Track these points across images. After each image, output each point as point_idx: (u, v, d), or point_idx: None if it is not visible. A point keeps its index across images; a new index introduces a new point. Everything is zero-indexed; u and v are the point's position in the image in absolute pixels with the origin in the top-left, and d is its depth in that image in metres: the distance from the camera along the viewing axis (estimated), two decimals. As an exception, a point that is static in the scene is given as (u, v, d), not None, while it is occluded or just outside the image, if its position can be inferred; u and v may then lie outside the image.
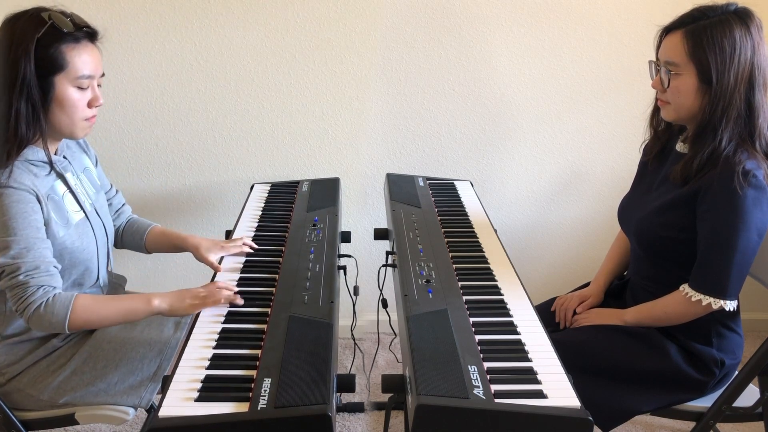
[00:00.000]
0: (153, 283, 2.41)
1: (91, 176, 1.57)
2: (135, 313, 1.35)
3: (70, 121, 1.35)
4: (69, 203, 1.42)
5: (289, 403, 1.00)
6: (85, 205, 1.47)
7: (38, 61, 1.28)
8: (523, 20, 2.17)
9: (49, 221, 1.35)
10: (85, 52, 1.34)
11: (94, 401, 1.40)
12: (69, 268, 1.42)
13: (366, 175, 2.35)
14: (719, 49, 1.29)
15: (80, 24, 1.34)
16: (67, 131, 1.37)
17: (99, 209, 1.53)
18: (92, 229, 1.48)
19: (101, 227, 1.52)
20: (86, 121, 1.38)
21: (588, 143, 2.35)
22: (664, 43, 1.38)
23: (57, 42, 1.30)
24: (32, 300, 1.26)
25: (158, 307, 1.34)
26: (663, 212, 1.43)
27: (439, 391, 1.01)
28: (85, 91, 1.35)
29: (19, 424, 1.41)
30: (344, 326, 2.01)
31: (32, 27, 1.28)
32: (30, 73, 1.27)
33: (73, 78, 1.32)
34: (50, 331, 1.32)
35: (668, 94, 1.39)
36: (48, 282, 1.29)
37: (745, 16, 1.31)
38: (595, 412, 1.20)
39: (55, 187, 1.40)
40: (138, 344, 1.48)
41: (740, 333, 1.49)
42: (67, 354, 1.45)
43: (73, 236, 1.40)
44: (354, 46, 2.16)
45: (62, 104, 1.33)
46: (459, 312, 1.27)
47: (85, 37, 1.35)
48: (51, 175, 1.40)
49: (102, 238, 1.52)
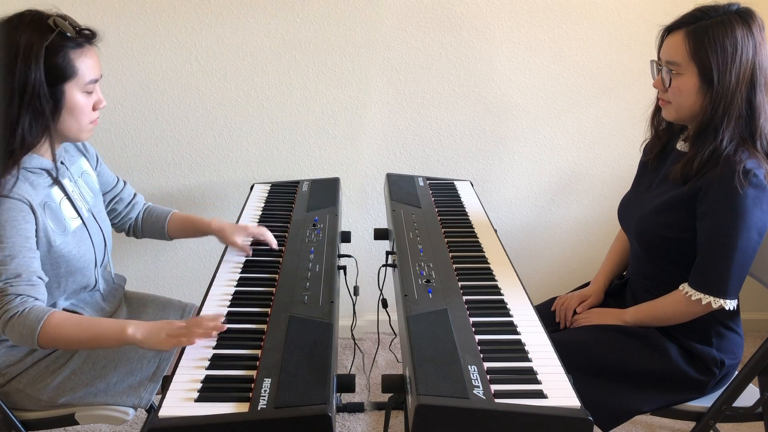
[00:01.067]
0: (153, 283, 2.41)
1: (90, 180, 1.55)
2: (107, 340, 1.25)
3: (78, 126, 1.35)
4: (66, 210, 1.41)
5: (289, 403, 1.00)
6: (82, 211, 1.46)
7: (48, 69, 1.27)
8: (523, 20, 2.17)
9: (46, 230, 1.33)
10: (89, 56, 1.34)
11: (93, 401, 1.40)
12: (66, 276, 1.41)
13: (366, 175, 2.35)
14: (721, 49, 1.29)
15: (80, 27, 1.34)
16: (73, 136, 1.37)
17: (97, 215, 1.52)
18: (90, 236, 1.46)
19: (99, 233, 1.51)
20: (91, 123, 1.38)
21: (588, 143, 2.35)
22: (666, 42, 1.38)
23: (64, 49, 1.28)
24: (8, 308, 1.21)
25: (132, 336, 1.23)
26: (663, 211, 1.43)
27: (439, 391, 1.01)
28: (91, 95, 1.36)
29: (19, 424, 1.41)
30: (344, 326, 2.01)
31: (38, 34, 1.26)
32: (39, 81, 1.26)
33: (83, 84, 1.32)
34: (21, 343, 1.25)
35: (669, 93, 1.39)
36: (27, 292, 1.24)
37: (747, 16, 1.31)
38: (595, 412, 1.20)
39: (52, 194, 1.39)
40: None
41: (740, 333, 1.49)
42: (67, 355, 1.45)
43: (70, 244, 1.39)
44: (354, 46, 2.16)
45: (72, 110, 1.32)
46: (459, 312, 1.27)
47: (87, 40, 1.34)
48: (48, 182, 1.39)
49: (100, 244, 1.50)
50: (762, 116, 1.33)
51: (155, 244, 2.36)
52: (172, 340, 1.21)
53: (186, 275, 2.42)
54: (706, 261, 1.36)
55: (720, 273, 1.34)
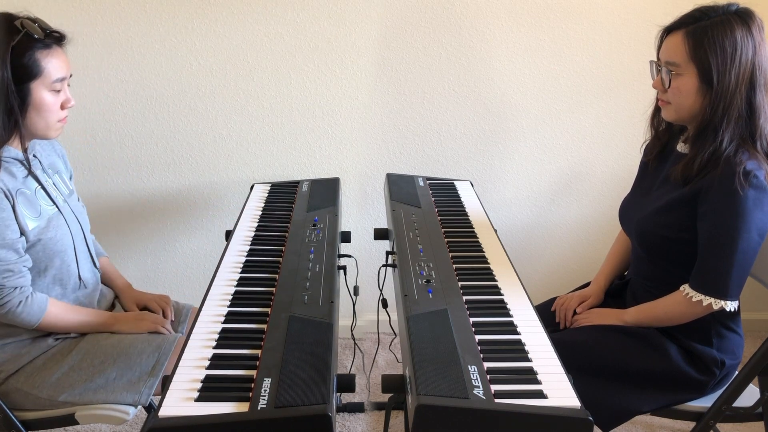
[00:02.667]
0: (153, 283, 2.41)
1: (65, 180, 1.59)
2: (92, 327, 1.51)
3: (45, 124, 1.40)
4: (41, 198, 1.46)
5: (289, 403, 1.00)
6: (57, 200, 1.50)
7: (14, 68, 1.32)
8: (523, 20, 2.17)
9: (19, 215, 1.37)
10: (56, 56, 1.38)
11: (93, 398, 1.40)
12: (45, 261, 1.45)
13: (366, 175, 2.35)
14: (720, 50, 1.29)
15: (48, 29, 1.39)
16: (41, 133, 1.42)
17: (73, 208, 1.55)
18: (66, 223, 1.50)
19: (76, 222, 1.54)
20: (59, 122, 1.43)
21: (588, 143, 2.35)
22: (665, 43, 1.38)
23: (31, 50, 1.34)
24: (8, 300, 1.37)
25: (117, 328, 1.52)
26: (664, 212, 1.43)
27: (439, 391, 1.01)
28: (58, 93, 1.40)
29: (19, 424, 1.41)
30: (344, 326, 2.01)
31: (5, 35, 1.32)
32: (7, 80, 1.32)
33: (49, 83, 1.37)
34: (18, 325, 1.42)
35: (669, 94, 1.38)
36: (21, 283, 1.38)
37: (746, 17, 1.31)
38: (596, 413, 1.20)
39: (27, 182, 1.44)
40: (136, 339, 1.49)
41: (740, 333, 1.49)
42: (64, 351, 1.46)
43: (44, 227, 1.43)
44: (354, 45, 2.16)
45: (39, 108, 1.38)
46: (459, 312, 1.27)
47: (55, 41, 1.39)
48: (24, 173, 1.44)
49: (78, 233, 1.54)
50: (762, 117, 1.33)
51: (155, 244, 2.36)
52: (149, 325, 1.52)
53: (186, 275, 2.42)
54: (707, 262, 1.36)
55: (720, 274, 1.34)
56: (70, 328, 1.49)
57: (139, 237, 2.35)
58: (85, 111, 2.17)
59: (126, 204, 2.30)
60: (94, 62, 2.12)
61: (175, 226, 2.35)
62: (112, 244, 2.32)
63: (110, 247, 2.33)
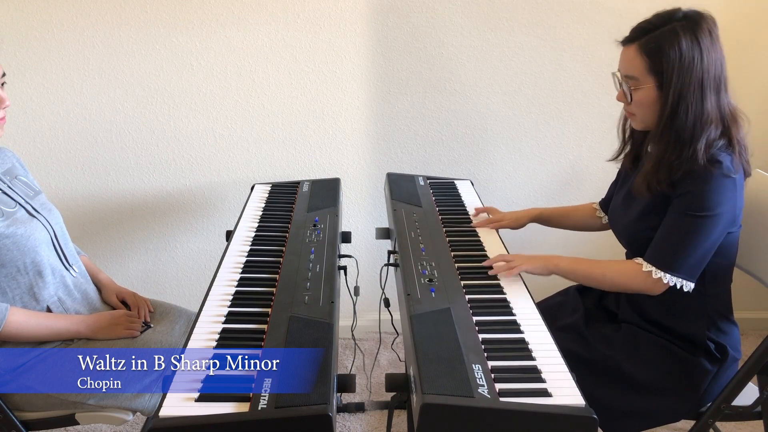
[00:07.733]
0: (153, 284, 2.40)
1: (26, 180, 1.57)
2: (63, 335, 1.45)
3: None
4: (3, 201, 1.44)
5: (289, 403, 0.99)
6: (20, 201, 1.48)
7: None
8: (524, 20, 2.17)
9: None
10: None
11: (101, 403, 1.40)
12: (16, 262, 1.40)
13: (366, 175, 2.34)
14: (670, 60, 1.31)
15: None
16: None
17: (39, 208, 1.52)
18: (36, 219, 1.47)
19: (44, 220, 1.50)
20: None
21: (588, 143, 2.35)
22: (621, 57, 1.40)
23: None
24: None
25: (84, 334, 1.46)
26: (647, 215, 1.44)
27: (443, 390, 1.01)
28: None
29: (19, 424, 1.40)
30: (345, 326, 2.00)
31: None
32: None
33: None
34: None
35: (633, 106, 1.40)
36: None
37: (692, 23, 1.32)
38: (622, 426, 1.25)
39: None
40: (145, 347, 1.48)
41: (737, 331, 1.49)
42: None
43: (10, 224, 1.40)
44: (354, 45, 2.16)
45: None
46: (462, 311, 1.26)
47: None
48: None
49: (47, 232, 1.49)
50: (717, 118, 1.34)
51: (155, 244, 2.35)
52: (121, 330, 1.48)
53: (186, 275, 2.42)
54: (666, 238, 1.37)
55: (676, 250, 1.34)
56: (39, 336, 1.42)
57: (140, 237, 2.34)
58: (86, 111, 2.16)
59: (127, 204, 2.29)
60: (95, 63, 2.11)
61: (176, 226, 2.34)
62: (113, 244, 2.32)
63: (110, 247, 2.33)
